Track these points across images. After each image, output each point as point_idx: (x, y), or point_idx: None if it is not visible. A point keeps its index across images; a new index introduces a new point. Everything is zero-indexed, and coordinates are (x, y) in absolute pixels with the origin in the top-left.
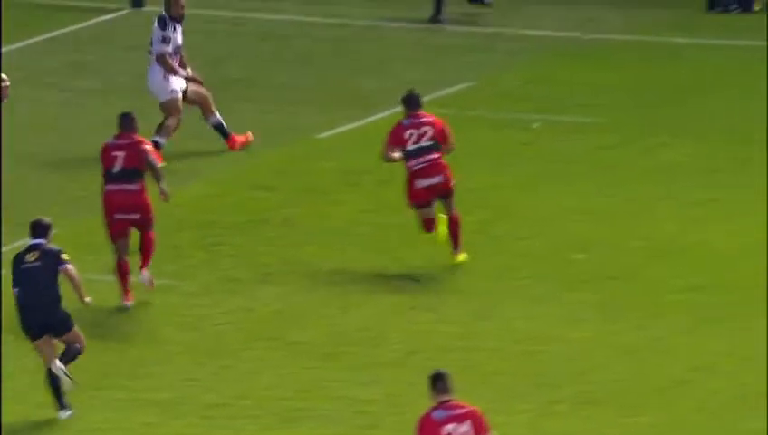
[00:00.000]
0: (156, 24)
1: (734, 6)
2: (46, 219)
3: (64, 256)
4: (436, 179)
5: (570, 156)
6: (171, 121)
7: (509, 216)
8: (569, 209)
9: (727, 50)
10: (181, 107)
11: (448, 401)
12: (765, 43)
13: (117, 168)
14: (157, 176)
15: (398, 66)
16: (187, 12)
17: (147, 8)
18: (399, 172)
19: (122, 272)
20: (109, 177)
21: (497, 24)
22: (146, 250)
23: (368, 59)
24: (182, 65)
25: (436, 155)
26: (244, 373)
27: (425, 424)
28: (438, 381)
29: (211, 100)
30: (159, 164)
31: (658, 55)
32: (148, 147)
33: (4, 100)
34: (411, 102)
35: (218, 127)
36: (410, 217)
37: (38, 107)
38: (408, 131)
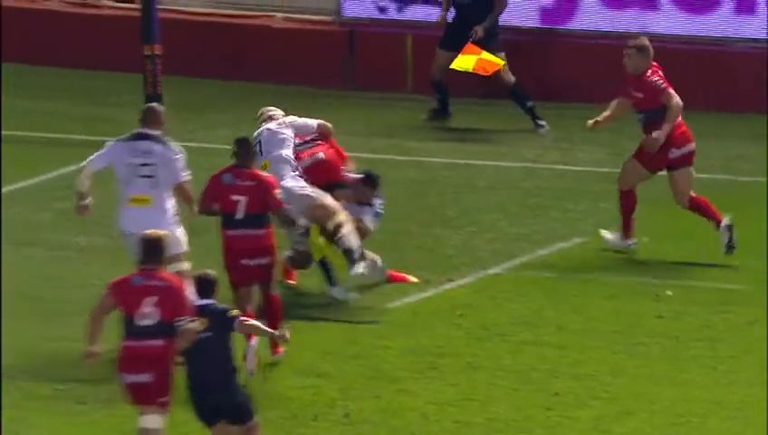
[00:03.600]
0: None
1: None
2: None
3: (233, 313)
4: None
5: (713, 333)
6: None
7: (637, 411)
8: (715, 404)
9: None
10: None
11: None
12: None
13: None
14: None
15: (487, 217)
16: None
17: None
18: (486, 355)
19: None
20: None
21: (617, 164)
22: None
23: (449, 207)
24: None
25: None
26: None
27: None
28: None
29: None
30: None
31: None
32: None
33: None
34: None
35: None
36: (498, 412)
37: (21, 272)
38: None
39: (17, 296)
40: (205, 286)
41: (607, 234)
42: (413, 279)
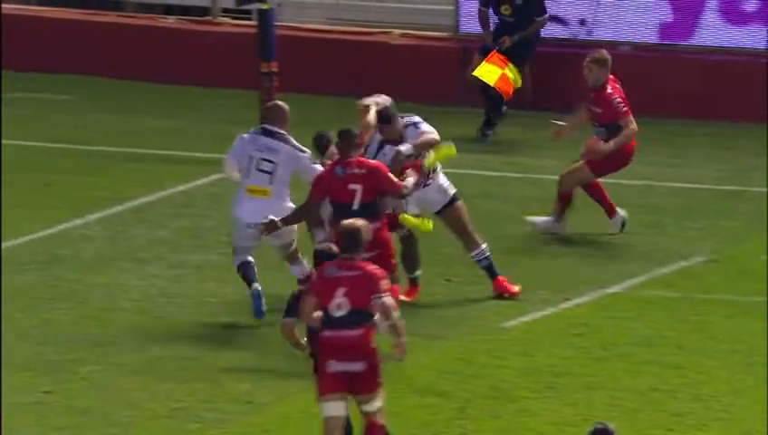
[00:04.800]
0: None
1: None
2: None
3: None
4: None
5: None
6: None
7: (758, 433)
8: None
9: None
10: None
11: None
12: None
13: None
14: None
15: (605, 235)
16: None
17: None
18: (605, 375)
19: None
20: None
21: (735, 181)
22: None
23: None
24: None
25: None
26: None
27: None
28: None
29: None
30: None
31: None
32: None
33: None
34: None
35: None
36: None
37: (140, 290)
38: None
39: (139, 314)
40: (326, 261)
41: (534, 218)
42: (516, 289)
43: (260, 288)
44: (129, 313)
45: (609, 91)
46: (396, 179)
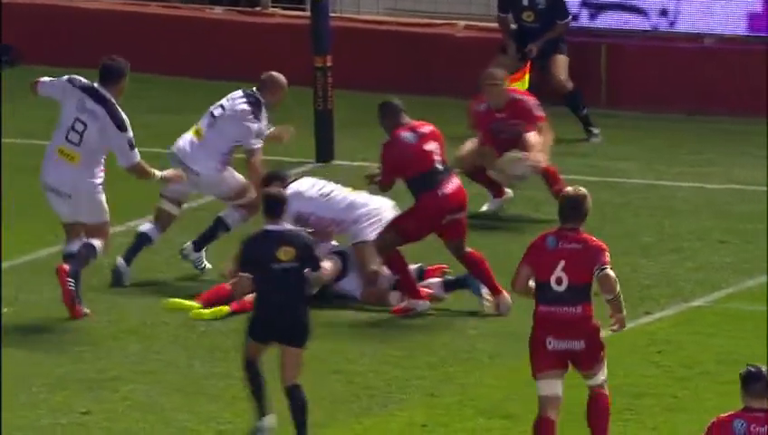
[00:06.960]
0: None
1: None
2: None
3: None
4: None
5: None
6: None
7: None
8: None
9: None
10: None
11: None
12: None
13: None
14: None
15: (689, 244)
16: None
17: (337, 161)
18: (688, 396)
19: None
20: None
21: None
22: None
23: (646, 232)
24: None
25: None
26: None
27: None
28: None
29: None
30: None
31: None
32: None
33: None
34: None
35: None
36: None
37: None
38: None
39: (182, 329)
40: (275, 206)
41: (487, 206)
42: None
43: (122, 265)
44: (172, 327)
45: (520, 97)
46: None
